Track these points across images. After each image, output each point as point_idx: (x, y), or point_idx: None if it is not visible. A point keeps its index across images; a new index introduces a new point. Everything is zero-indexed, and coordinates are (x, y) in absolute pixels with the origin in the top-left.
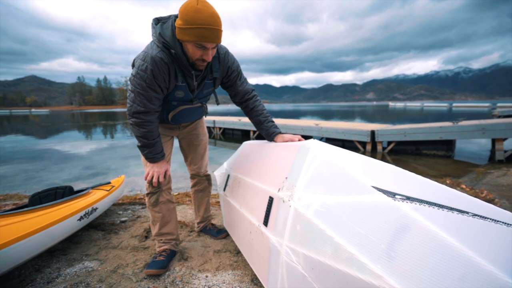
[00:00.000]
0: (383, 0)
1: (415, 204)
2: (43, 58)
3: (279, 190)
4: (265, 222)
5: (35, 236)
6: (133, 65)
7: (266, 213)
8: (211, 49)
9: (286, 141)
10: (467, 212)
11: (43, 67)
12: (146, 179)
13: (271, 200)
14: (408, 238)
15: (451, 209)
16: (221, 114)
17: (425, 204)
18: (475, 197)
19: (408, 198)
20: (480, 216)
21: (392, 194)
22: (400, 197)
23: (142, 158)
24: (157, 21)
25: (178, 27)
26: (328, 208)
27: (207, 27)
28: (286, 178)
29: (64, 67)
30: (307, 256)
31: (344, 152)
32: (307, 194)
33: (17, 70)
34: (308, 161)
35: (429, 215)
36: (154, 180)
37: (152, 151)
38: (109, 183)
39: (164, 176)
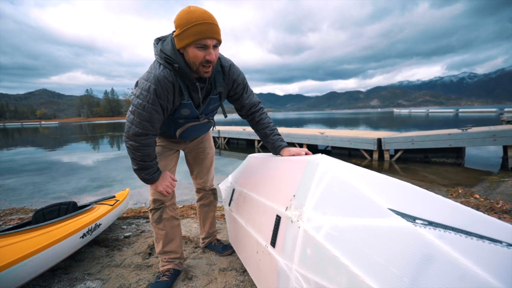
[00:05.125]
0: (382, 9)
1: (439, 230)
2: (53, 72)
3: (286, 209)
4: (273, 243)
5: (37, 256)
6: (136, 86)
7: (273, 233)
8: (212, 48)
9: (293, 155)
10: (500, 242)
11: (53, 80)
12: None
13: (278, 219)
14: (434, 272)
15: (481, 237)
16: (226, 124)
17: (450, 231)
18: (490, 207)
19: (431, 224)
20: None
21: (412, 218)
22: (421, 222)
23: None
24: (158, 40)
25: (175, 37)
26: (340, 231)
27: (202, 22)
28: (294, 196)
29: (73, 80)
30: (319, 285)
31: (354, 168)
32: (317, 215)
33: (28, 84)
34: (317, 178)
35: (456, 245)
36: (169, 192)
37: (150, 172)
38: (114, 197)
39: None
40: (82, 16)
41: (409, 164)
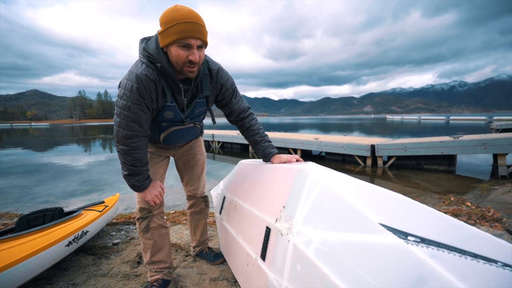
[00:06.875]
0: (375, 17)
1: (432, 249)
2: (45, 73)
3: (276, 221)
4: (263, 256)
5: (19, 266)
6: (119, 87)
7: (263, 246)
8: (196, 48)
9: (284, 162)
10: (495, 261)
11: (44, 81)
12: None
13: (268, 231)
14: None
15: (475, 256)
16: (220, 127)
17: (443, 250)
18: (482, 216)
19: (423, 241)
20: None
21: (404, 235)
22: (413, 238)
23: None
24: (144, 39)
25: (159, 34)
26: (330, 247)
27: (187, 20)
28: (284, 207)
29: (66, 82)
30: None
31: (345, 178)
32: (307, 229)
33: (19, 84)
34: (307, 188)
35: (450, 265)
36: (157, 202)
37: (140, 179)
38: (103, 202)
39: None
40: (77, 17)
41: (402, 170)
